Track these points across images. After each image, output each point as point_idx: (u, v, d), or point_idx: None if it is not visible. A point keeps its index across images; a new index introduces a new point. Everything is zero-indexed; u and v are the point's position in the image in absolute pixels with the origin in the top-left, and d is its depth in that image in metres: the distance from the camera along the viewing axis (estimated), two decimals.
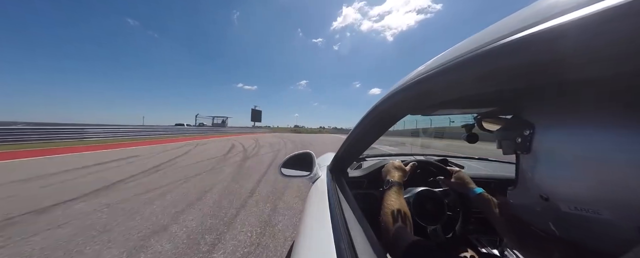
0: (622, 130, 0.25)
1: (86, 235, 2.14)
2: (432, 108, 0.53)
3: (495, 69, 0.24)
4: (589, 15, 0.16)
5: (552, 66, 0.20)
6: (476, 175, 1.07)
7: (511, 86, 0.31)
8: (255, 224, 2.41)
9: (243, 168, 5.43)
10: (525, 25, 0.20)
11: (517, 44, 0.20)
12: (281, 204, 3.00)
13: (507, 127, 0.44)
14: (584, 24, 0.16)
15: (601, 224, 0.28)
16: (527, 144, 0.35)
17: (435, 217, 0.78)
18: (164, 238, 2.10)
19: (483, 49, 0.24)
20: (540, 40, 0.19)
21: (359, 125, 0.71)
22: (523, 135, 0.36)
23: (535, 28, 0.19)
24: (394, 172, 0.79)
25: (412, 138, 6.48)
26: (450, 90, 0.33)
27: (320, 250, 0.52)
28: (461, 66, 0.27)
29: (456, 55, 0.28)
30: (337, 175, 1.01)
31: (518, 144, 0.38)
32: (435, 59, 0.33)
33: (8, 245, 1.96)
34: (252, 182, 4.09)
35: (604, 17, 0.15)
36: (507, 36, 0.21)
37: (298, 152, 1.15)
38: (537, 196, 0.35)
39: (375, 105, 0.55)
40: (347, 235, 0.52)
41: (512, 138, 0.39)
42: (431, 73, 0.32)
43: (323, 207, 0.73)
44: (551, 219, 0.36)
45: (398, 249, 0.47)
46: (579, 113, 0.30)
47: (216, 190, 3.60)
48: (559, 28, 0.17)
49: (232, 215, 2.64)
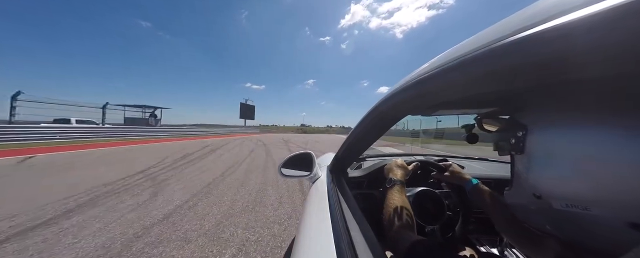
0: (609, 129, 0.25)
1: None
2: (433, 108, 0.53)
3: (495, 69, 0.24)
4: (589, 15, 0.16)
5: (550, 67, 0.20)
6: (476, 176, 1.07)
7: (511, 86, 0.31)
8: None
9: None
10: (525, 26, 0.20)
11: (517, 44, 0.21)
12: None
13: (502, 128, 0.46)
14: (585, 24, 0.16)
15: (592, 220, 0.29)
16: (520, 145, 0.36)
17: (435, 217, 0.78)
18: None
19: (483, 49, 0.24)
20: (540, 41, 0.19)
21: (359, 125, 0.71)
22: (516, 136, 0.37)
23: (535, 28, 0.19)
24: (397, 170, 0.79)
25: (410, 138, 6.43)
26: (451, 90, 0.33)
27: (320, 250, 0.52)
28: (461, 66, 0.27)
29: (456, 55, 0.28)
30: (337, 175, 1.00)
31: (512, 145, 0.39)
32: (435, 59, 0.33)
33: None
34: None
35: (604, 17, 0.15)
36: (507, 36, 0.21)
37: (298, 152, 1.15)
38: (531, 195, 0.36)
39: (376, 105, 0.55)
40: (347, 235, 0.52)
41: (507, 139, 0.40)
42: (431, 73, 0.32)
43: (323, 207, 0.73)
44: (545, 217, 0.37)
45: (400, 247, 0.47)
46: (568, 113, 0.30)
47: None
48: (559, 28, 0.18)
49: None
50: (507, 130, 0.41)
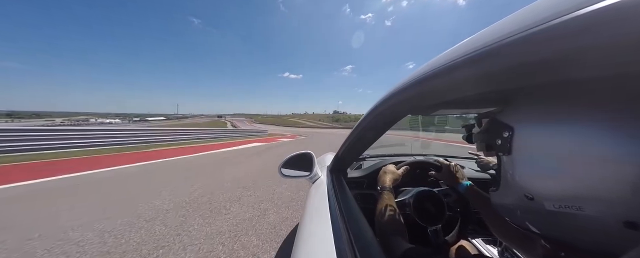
0: (600, 126, 0.25)
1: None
2: (433, 108, 0.53)
3: (495, 69, 0.24)
4: (589, 15, 0.16)
5: (549, 67, 0.20)
6: (476, 176, 1.07)
7: (511, 86, 0.31)
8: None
9: None
10: (525, 25, 0.20)
11: (517, 44, 0.20)
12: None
13: (486, 130, 0.44)
14: (585, 24, 0.16)
15: (586, 220, 0.28)
16: (507, 145, 0.36)
17: (436, 217, 0.78)
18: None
19: (483, 49, 0.24)
20: (540, 40, 0.19)
21: (359, 125, 0.70)
22: (503, 137, 0.37)
23: (536, 28, 0.19)
24: (384, 177, 0.81)
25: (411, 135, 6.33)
26: (451, 90, 0.33)
27: (320, 250, 0.52)
28: (461, 66, 0.27)
29: (456, 55, 0.27)
30: (337, 176, 1.00)
31: (499, 146, 0.38)
32: (435, 59, 0.33)
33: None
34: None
35: (604, 17, 0.15)
36: (507, 36, 0.21)
37: (298, 152, 1.15)
38: (522, 196, 0.35)
39: (376, 105, 0.55)
40: (347, 236, 0.52)
41: (492, 140, 0.40)
42: (432, 73, 0.32)
43: (323, 208, 0.73)
44: (538, 218, 0.36)
45: (392, 256, 0.47)
46: (558, 110, 0.30)
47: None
48: (559, 28, 0.17)
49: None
50: (491, 132, 0.41)
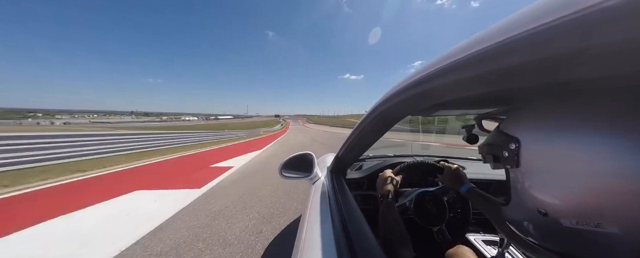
0: (615, 138, 0.24)
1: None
2: (433, 108, 0.52)
3: (495, 69, 0.24)
4: (589, 15, 0.16)
5: (551, 67, 0.20)
6: (476, 178, 1.06)
7: (511, 86, 0.31)
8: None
9: None
10: (525, 25, 0.20)
11: (517, 43, 0.20)
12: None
13: (491, 141, 0.42)
14: (585, 24, 0.16)
15: (607, 239, 0.26)
16: (515, 158, 0.34)
17: (438, 218, 0.77)
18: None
19: (484, 48, 0.23)
20: (540, 40, 0.19)
21: (359, 126, 0.70)
22: (509, 149, 0.34)
23: (536, 28, 0.19)
24: (384, 186, 0.80)
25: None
26: (451, 90, 0.33)
27: (320, 251, 0.52)
28: (461, 66, 0.27)
29: (457, 55, 0.27)
30: (337, 176, 1.00)
31: (506, 159, 0.36)
32: (435, 60, 0.33)
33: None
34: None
35: (605, 17, 0.15)
36: (507, 36, 0.21)
37: (298, 153, 1.15)
38: (535, 211, 0.33)
39: (375, 106, 0.55)
40: (347, 236, 0.52)
41: (499, 152, 0.37)
42: (432, 73, 0.32)
43: (323, 208, 0.73)
44: (553, 235, 0.33)
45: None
46: (569, 119, 0.28)
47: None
48: (559, 28, 0.17)
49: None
50: (497, 143, 0.38)
